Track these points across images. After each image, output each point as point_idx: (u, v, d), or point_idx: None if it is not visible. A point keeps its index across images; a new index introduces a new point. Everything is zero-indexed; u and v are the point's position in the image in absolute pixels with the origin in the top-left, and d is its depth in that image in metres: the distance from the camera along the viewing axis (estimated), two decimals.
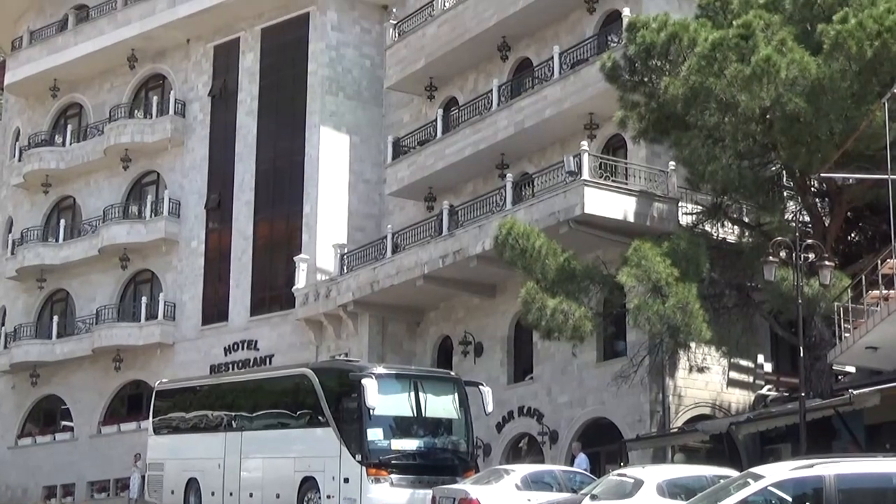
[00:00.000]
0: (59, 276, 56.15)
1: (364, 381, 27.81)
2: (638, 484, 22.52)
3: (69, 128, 57.61)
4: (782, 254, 28.85)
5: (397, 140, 45.98)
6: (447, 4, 44.90)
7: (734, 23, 31.22)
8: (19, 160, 58.47)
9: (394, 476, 27.81)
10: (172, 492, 34.78)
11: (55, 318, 55.59)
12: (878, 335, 27.66)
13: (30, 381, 55.93)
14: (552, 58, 39.97)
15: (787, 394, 34.70)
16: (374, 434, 27.98)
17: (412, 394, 28.89)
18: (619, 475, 23.99)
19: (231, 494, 32.29)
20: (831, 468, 16.11)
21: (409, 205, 46.77)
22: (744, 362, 35.98)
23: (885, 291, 27.55)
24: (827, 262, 28.44)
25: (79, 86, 57.92)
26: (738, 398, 36.08)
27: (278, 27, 51.27)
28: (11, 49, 60.28)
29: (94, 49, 55.64)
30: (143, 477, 39.34)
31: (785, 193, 33.35)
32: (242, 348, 49.20)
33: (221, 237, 51.36)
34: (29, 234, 56.94)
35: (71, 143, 56.88)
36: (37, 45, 58.29)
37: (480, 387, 30.75)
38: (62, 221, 56.55)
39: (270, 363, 46.91)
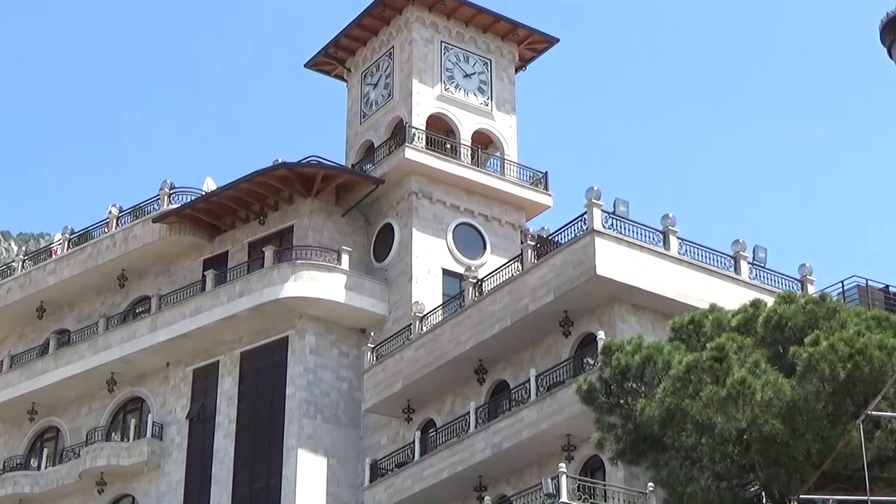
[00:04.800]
0: None
1: None
2: None
3: (45, 451, 57.21)
4: None
5: (375, 462, 45.90)
6: (424, 328, 45.62)
7: (707, 345, 31.73)
8: None
9: None
10: None
11: None
12: None
13: None
14: (529, 380, 40.44)
15: None
16: None
17: None
18: None
19: None
20: None
21: None
22: None
23: None
24: None
25: (57, 409, 57.82)
26: None
27: (257, 351, 51.77)
28: None
29: (73, 373, 55.73)
30: None
31: None
32: None
33: None
34: None
35: (46, 467, 56.35)
36: (17, 370, 58.32)
37: None
38: None
39: None
